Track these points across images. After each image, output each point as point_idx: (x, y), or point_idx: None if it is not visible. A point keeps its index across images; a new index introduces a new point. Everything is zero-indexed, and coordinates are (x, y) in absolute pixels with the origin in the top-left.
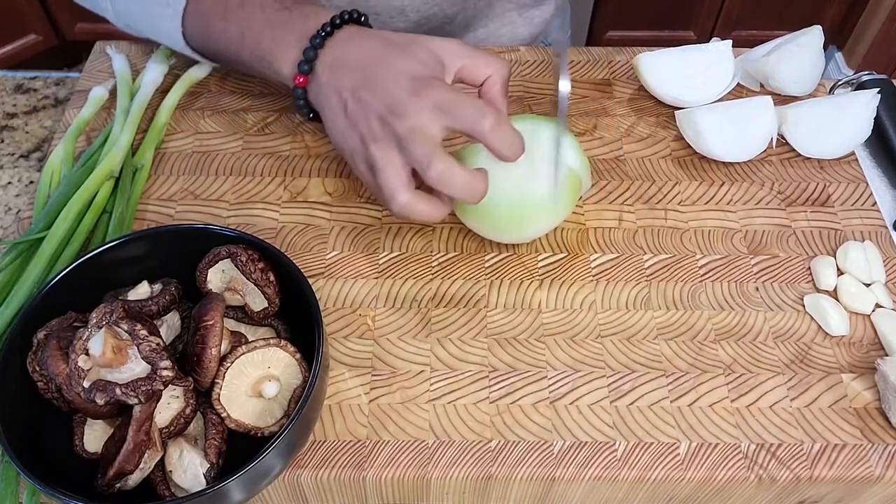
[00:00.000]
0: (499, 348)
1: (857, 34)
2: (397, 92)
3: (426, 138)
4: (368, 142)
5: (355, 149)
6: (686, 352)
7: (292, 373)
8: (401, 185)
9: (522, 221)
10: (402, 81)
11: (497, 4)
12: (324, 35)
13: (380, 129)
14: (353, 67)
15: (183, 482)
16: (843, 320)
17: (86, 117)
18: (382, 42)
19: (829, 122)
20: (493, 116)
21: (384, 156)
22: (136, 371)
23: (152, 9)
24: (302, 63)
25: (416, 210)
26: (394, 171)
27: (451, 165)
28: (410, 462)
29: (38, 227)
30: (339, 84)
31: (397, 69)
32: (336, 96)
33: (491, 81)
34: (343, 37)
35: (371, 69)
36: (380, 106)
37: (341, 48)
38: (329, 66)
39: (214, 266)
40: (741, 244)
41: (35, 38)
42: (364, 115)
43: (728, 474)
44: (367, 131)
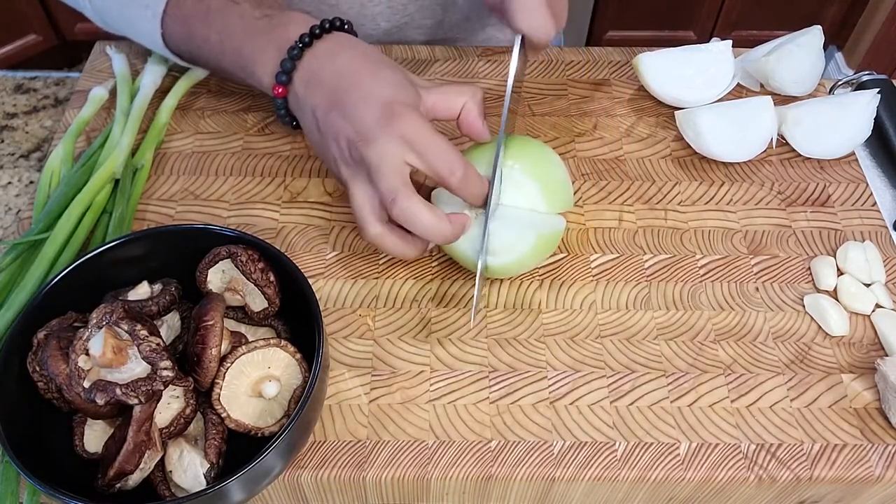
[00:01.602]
0: (499, 348)
1: (857, 34)
2: (367, 116)
3: (393, 170)
4: (340, 164)
5: (331, 166)
6: (686, 352)
7: (292, 373)
8: (370, 217)
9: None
10: (372, 106)
11: (474, 19)
12: (301, 46)
13: (349, 153)
14: (326, 85)
15: (183, 482)
16: (843, 320)
17: (86, 117)
18: (360, 60)
19: (829, 122)
20: (461, 170)
21: (354, 183)
22: (136, 371)
23: (131, 10)
24: (280, 74)
25: (384, 243)
26: (363, 199)
27: (415, 203)
28: (410, 462)
29: (38, 228)
30: (313, 101)
31: (368, 92)
32: (310, 113)
33: (466, 109)
34: (323, 49)
35: (343, 90)
36: (349, 130)
37: (319, 62)
38: (305, 80)
39: (214, 266)
40: (741, 244)
41: (35, 38)
42: (334, 137)
43: (728, 474)
44: (338, 154)
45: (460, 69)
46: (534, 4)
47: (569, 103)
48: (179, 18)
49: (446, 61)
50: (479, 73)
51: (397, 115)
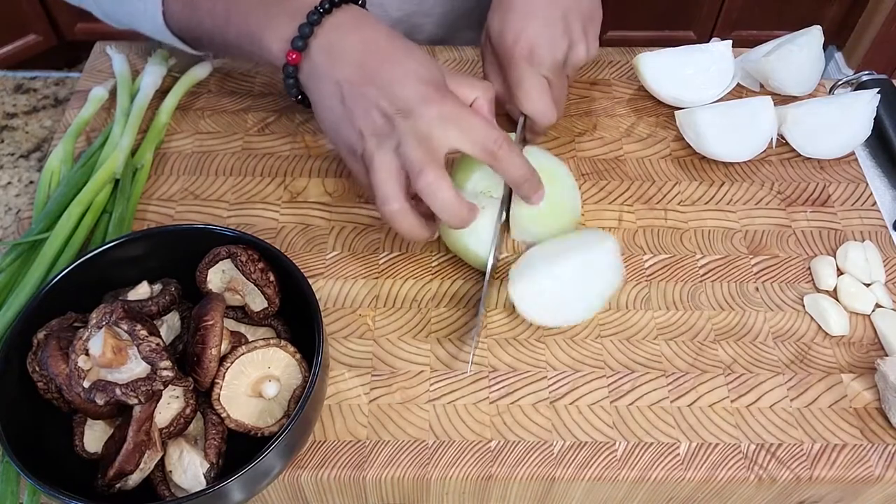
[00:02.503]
0: (499, 348)
1: (857, 34)
2: (407, 93)
3: (428, 146)
4: (367, 137)
5: (351, 141)
6: (686, 352)
7: (292, 373)
8: (393, 192)
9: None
10: (412, 83)
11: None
12: (322, 12)
13: (382, 124)
14: (354, 58)
15: (183, 482)
16: (843, 320)
17: (86, 117)
18: (385, 36)
19: (829, 122)
20: (506, 146)
21: (380, 156)
22: (135, 371)
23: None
24: (296, 39)
25: (402, 222)
26: (387, 174)
27: (443, 179)
28: (410, 462)
29: (38, 228)
30: (338, 73)
31: (406, 70)
32: (333, 85)
33: (478, 104)
34: (342, 19)
35: (376, 64)
36: (385, 103)
37: (340, 32)
38: (326, 49)
39: (214, 266)
40: (741, 244)
41: (35, 39)
42: (365, 110)
43: (728, 474)
44: (367, 126)
45: (460, 69)
46: (539, 92)
47: (569, 103)
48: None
49: (446, 61)
50: (478, 74)
51: (439, 95)
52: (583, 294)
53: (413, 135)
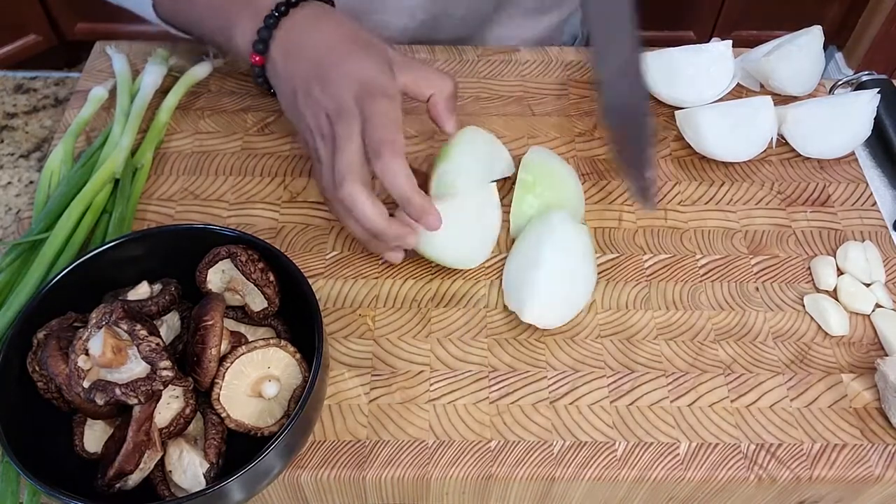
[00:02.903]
0: (499, 348)
1: (857, 34)
2: (344, 95)
3: (350, 151)
4: (315, 135)
5: (304, 136)
6: (686, 352)
7: (292, 373)
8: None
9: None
10: (351, 85)
11: (504, 9)
12: (277, 15)
13: (327, 127)
14: (307, 58)
15: (183, 482)
16: (843, 320)
17: (85, 117)
18: (340, 35)
19: (829, 122)
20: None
21: (323, 153)
22: (135, 371)
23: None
24: (256, 43)
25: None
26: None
27: (358, 191)
28: (410, 462)
29: (38, 228)
30: (293, 73)
31: (349, 70)
32: (289, 84)
33: (433, 100)
34: (301, 18)
35: (325, 65)
36: (328, 104)
37: (298, 32)
38: (284, 50)
39: (214, 266)
40: (741, 244)
41: (35, 39)
42: (313, 111)
43: (728, 474)
44: (315, 126)
45: (460, 69)
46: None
47: (569, 103)
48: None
49: (446, 62)
50: (479, 74)
51: (369, 95)
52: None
53: (341, 139)
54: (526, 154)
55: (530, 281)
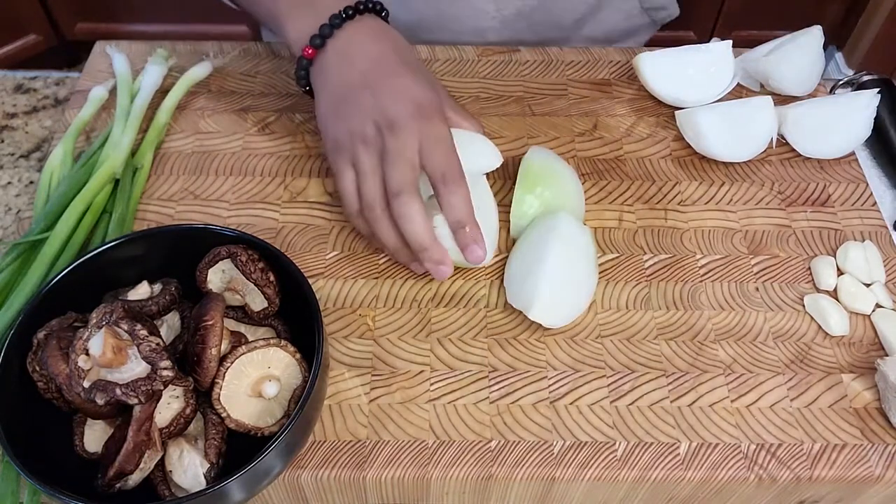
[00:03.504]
0: (499, 348)
1: (857, 34)
2: (398, 109)
3: (407, 166)
4: (356, 140)
5: (340, 139)
6: (686, 352)
7: (292, 373)
8: (377, 199)
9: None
10: (405, 101)
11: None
12: (345, 17)
13: (373, 135)
14: (362, 65)
15: (183, 482)
16: (843, 320)
17: (86, 117)
18: (395, 50)
19: (829, 122)
20: (452, 180)
21: (367, 161)
22: (136, 371)
23: None
24: (315, 37)
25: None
26: (374, 183)
27: (416, 206)
28: (410, 462)
29: (39, 228)
30: (346, 74)
31: (404, 86)
32: (337, 84)
33: None
34: (361, 27)
35: (380, 76)
36: (378, 113)
37: (357, 38)
38: (341, 51)
39: (214, 266)
40: (741, 244)
41: (35, 38)
42: (360, 115)
43: (728, 474)
44: (359, 131)
45: (460, 69)
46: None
47: (569, 103)
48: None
49: (446, 61)
50: (479, 74)
51: (426, 117)
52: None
53: (395, 153)
54: (526, 154)
55: (535, 280)
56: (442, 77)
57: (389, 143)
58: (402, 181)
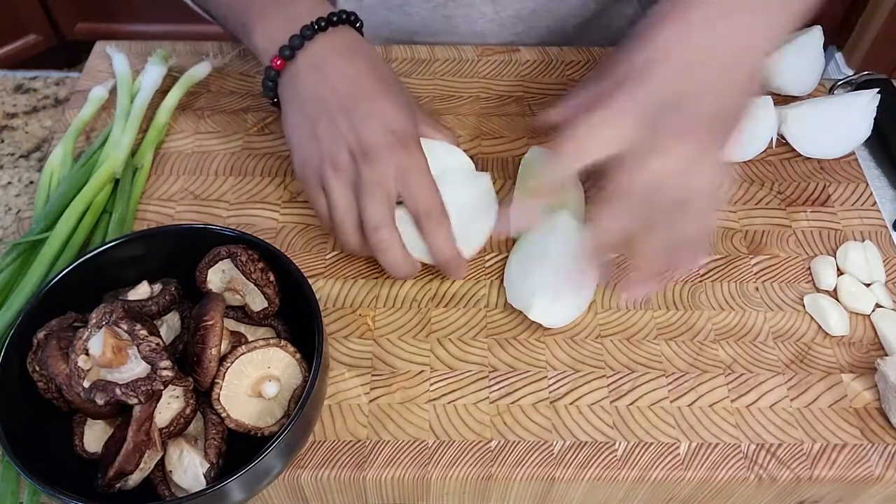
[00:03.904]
0: (499, 348)
1: (857, 34)
2: (374, 138)
3: (384, 199)
4: (327, 165)
5: (309, 160)
6: (686, 352)
7: (292, 373)
8: (352, 229)
9: None
10: (380, 129)
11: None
12: (317, 29)
13: (347, 162)
14: (337, 81)
15: (183, 482)
16: (843, 320)
17: (86, 117)
18: (371, 68)
19: (829, 122)
20: (435, 218)
21: (341, 191)
22: (135, 371)
23: None
24: (285, 48)
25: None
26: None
27: (393, 237)
28: (410, 462)
29: (39, 228)
30: (318, 91)
31: (381, 111)
32: (310, 101)
33: None
34: (335, 40)
35: (355, 96)
36: (352, 139)
37: (330, 52)
38: (313, 64)
39: (214, 266)
40: (741, 244)
41: (35, 38)
42: (332, 140)
43: (728, 474)
44: (331, 156)
45: (460, 69)
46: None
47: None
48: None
49: (446, 61)
50: (479, 74)
51: (402, 146)
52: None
53: (372, 185)
54: (526, 154)
55: (536, 279)
56: (442, 77)
57: (365, 173)
58: (379, 216)
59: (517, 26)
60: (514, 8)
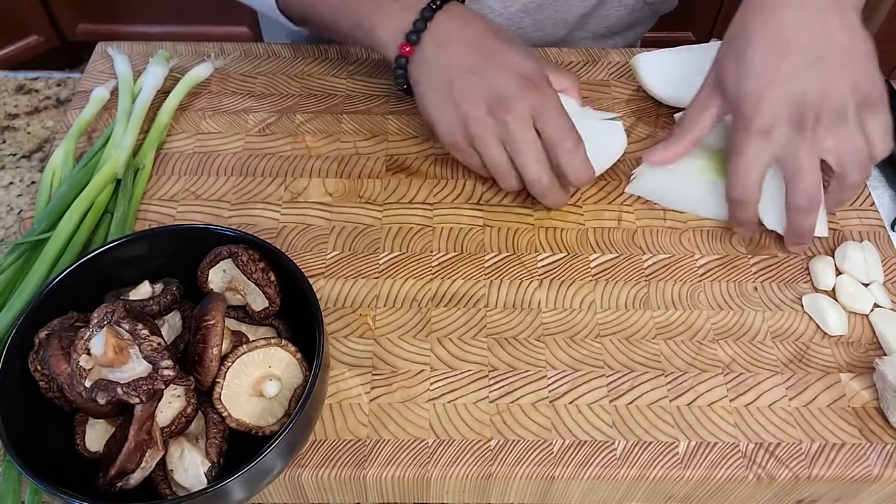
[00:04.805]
0: (499, 348)
1: None
2: (507, 83)
3: (530, 147)
4: (471, 125)
5: (453, 125)
6: (685, 351)
7: (293, 372)
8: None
9: None
10: (512, 75)
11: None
12: (434, 8)
13: (485, 114)
14: (463, 48)
15: (184, 481)
16: (842, 320)
17: (87, 118)
18: (488, 29)
19: None
20: (572, 142)
21: (491, 146)
22: (137, 370)
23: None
24: (410, 33)
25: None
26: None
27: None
28: (411, 461)
29: (40, 228)
30: (448, 61)
31: (508, 62)
32: (442, 72)
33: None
34: (451, 15)
35: (482, 57)
36: (488, 93)
37: (449, 26)
38: (437, 41)
39: (216, 266)
40: (740, 244)
41: (37, 39)
42: (470, 98)
43: (727, 473)
44: (472, 113)
45: None
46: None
47: None
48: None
49: None
50: None
51: (534, 87)
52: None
53: (517, 133)
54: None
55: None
56: None
57: (507, 120)
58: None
59: (524, 20)
60: (522, 2)
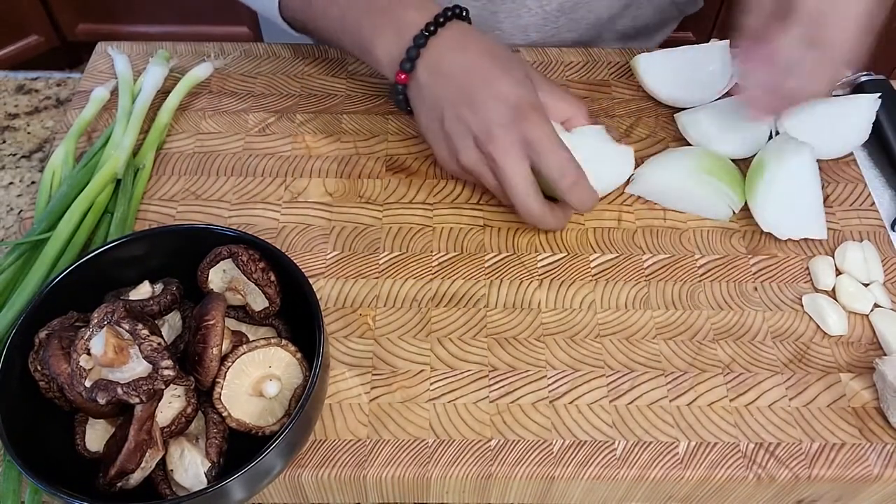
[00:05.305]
0: (499, 348)
1: None
2: (495, 117)
3: (513, 173)
4: (460, 155)
5: (446, 158)
6: (685, 351)
7: (293, 372)
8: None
9: None
10: (501, 107)
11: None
12: (427, 35)
13: (473, 149)
14: (454, 78)
15: (184, 481)
16: (842, 320)
17: (87, 118)
18: (484, 54)
19: (828, 123)
20: (572, 176)
21: (486, 178)
22: (137, 370)
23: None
24: (404, 62)
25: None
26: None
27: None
28: (411, 461)
29: (40, 228)
30: (439, 93)
31: (497, 92)
32: (434, 102)
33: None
34: (446, 38)
35: (473, 86)
36: (476, 128)
37: (444, 52)
38: (431, 69)
39: (216, 266)
40: (740, 244)
41: (37, 39)
42: (458, 132)
43: (727, 473)
44: (460, 145)
45: None
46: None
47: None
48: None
49: None
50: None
51: (523, 118)
52: None
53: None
54: None
55: None
56: None
57: (492, 153)
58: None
59: (559, 19)
60: (558, 1)
